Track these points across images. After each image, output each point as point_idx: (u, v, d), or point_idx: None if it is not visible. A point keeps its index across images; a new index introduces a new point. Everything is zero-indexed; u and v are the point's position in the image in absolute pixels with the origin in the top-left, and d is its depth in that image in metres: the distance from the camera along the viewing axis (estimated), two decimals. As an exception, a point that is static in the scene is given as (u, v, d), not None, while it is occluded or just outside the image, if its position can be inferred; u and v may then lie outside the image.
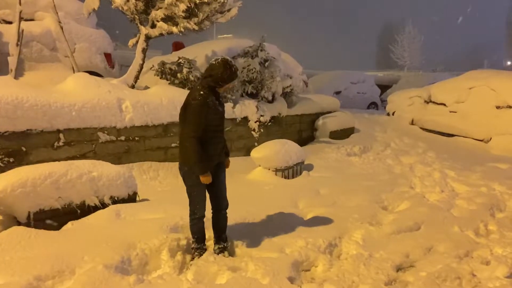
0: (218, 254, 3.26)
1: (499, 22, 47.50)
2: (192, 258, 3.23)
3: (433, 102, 10.22)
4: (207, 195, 3.25)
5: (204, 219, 3.27)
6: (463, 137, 8.84)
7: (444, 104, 9.82)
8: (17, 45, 6.00)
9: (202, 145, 2.99)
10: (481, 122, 8.68)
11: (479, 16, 56.90)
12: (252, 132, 6.88)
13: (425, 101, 10.50)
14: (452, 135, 9.08)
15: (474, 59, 43.77)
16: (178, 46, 9.66)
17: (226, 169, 3.38)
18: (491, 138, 8.40)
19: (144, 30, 6.07)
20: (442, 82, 11.07)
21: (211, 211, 3.32)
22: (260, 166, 5.63)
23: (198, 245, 3.26)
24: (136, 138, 5.40)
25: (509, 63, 42.18)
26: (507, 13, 46.00)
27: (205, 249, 3.30)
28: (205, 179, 3.06)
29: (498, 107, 8.65)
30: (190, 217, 3.22)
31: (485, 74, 9.77)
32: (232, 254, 3.36)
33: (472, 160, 7.09)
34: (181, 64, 6.33)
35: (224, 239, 3.35)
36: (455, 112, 9.43)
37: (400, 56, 43.86)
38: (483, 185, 5.41)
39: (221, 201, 3.31)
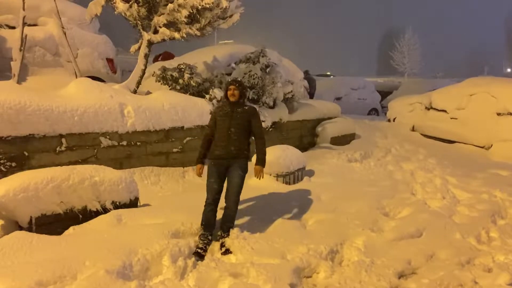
0: (218, 240, 3.61)
1: (499, 29, 47.69)
2: (196, 246, 3.46)
3: (434, 109, 10.23)
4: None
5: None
6: (464, 143, 8.84)
7: (445, 111, 9.83)
8: (20, 50, 6.02)
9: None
10: (481, 129, 8.68)
11: (479, 22, 57.05)
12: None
13: (426, 108, 10.51)
14: (453, 142, 9.07)
15: (474, 66, 43.88)
16: (168, 56, 9.68)
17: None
18: (492, 145, 8.40)
19: (146, 36, 6.11)
20: (443, 88, 11.09)
21: None
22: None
23: (203, 232, 3.60)
24: (138, 143, 5.41)
25: (509, 70, 42.25)
26: (507, 20, 46.16)
27: (210, 240, 3.59)
28: (196, 168, 3.83)
29: (498, 114, 8.65)
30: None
31: (486, 81, 9.79)
32: (230, 246, 3.55)
33: (473, 166, 7.08)
34: (182, 70, 6.36)
35: (224, 230, 3.68)
36: (456, 118, 9.43)
37: (400, 62, 43.97)
38: (485, 191, 5.40)
39: (228, 196, 3.72)
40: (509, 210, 4.81)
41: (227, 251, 3.48)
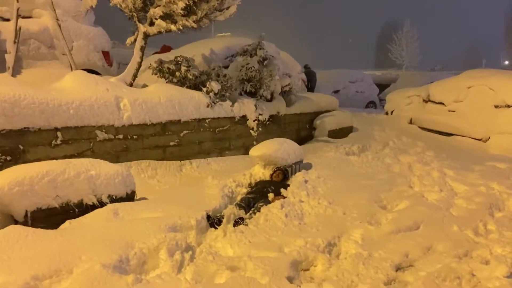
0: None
1: (498, 21, 47.59)
2: None
3: (432, 101, 10.21)
4: None
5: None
6: (462, 136, 8.84)
7: (443, 103, 9.82)
8: (14, 42, 5.96)
9: None
10: (479, 121, 8.68)
11: (477, 15, 56.94)
12: (251, 130, 6.87)
13: (424, 100, 10.49)
14: (450, 134, 9.07)
15: (472, 58, 43.85)
16: (166, 50, 9.61)
17: (225, 168, 3.57)
18: (489, 137, 8.41)
19: (142, 28, 6.04)
20: (441, 81, 11.07)
21: None
22: (258, 164, 5.61)
23: None
24: (134, 137, 5.37)
25: (507, 62, 42.26)
26: (506, 13, 46.07)
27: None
28: None
29: (496, 106, 8.65)
30: None
31: (484, 74, 9.77)
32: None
33: (471, 159, 7.08)
34: (179, 63, 6.30)
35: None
36: (454, 111, 9.42)
37: (398, 55, 43.87)
38: (482, 184, 5.39)
39: None
40: (507, 203, 4.81)
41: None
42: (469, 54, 48.23)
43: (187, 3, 5.65)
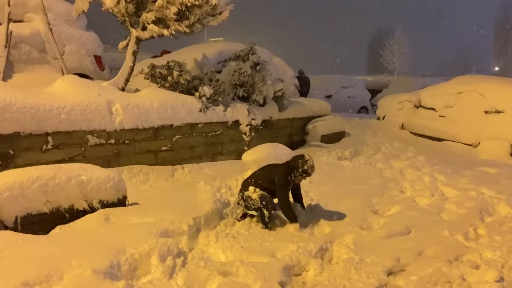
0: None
1: (488, 28, 48.30)
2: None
3: (423, 107, 10.30)
4: None
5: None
6: (452, 141, 8.92)
7: (434, 109, 9.90)
8: (5, 46, 5.92)
9: None
10: (469, 127, 8.76)
11: (468, 21, 57.72)
12: (243, 135, 6.87)
13: (415, 106, 10.58)
14: (441, 140, 9.15)
15: (462, 64, 44.38)
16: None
17: (217, 173, 3.56)
18: (479, 143, 8.49)
19: (134, 33, 6.03)
20: (432, 87, 11.17)
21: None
22: (251, 169, 5.61)
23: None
24: (126, 141, 5.35)
25: (497, 68, 42.81)
26: (495, 19, 46.78)
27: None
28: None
29: (486, 112, 8.74)
30: None
31: (474, 79, 9.89)
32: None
33: (461, 164, 7.15)
34: (171, 67, 6.30)
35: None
36: (444, 116, 9.51)
37: (389, 61, 44.23)
38: (472, 189, 5.44)
39: None
40: (497, 207, 4.85)
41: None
42: (460, 60, 48.74)
43: (180, 8, 5.65)
